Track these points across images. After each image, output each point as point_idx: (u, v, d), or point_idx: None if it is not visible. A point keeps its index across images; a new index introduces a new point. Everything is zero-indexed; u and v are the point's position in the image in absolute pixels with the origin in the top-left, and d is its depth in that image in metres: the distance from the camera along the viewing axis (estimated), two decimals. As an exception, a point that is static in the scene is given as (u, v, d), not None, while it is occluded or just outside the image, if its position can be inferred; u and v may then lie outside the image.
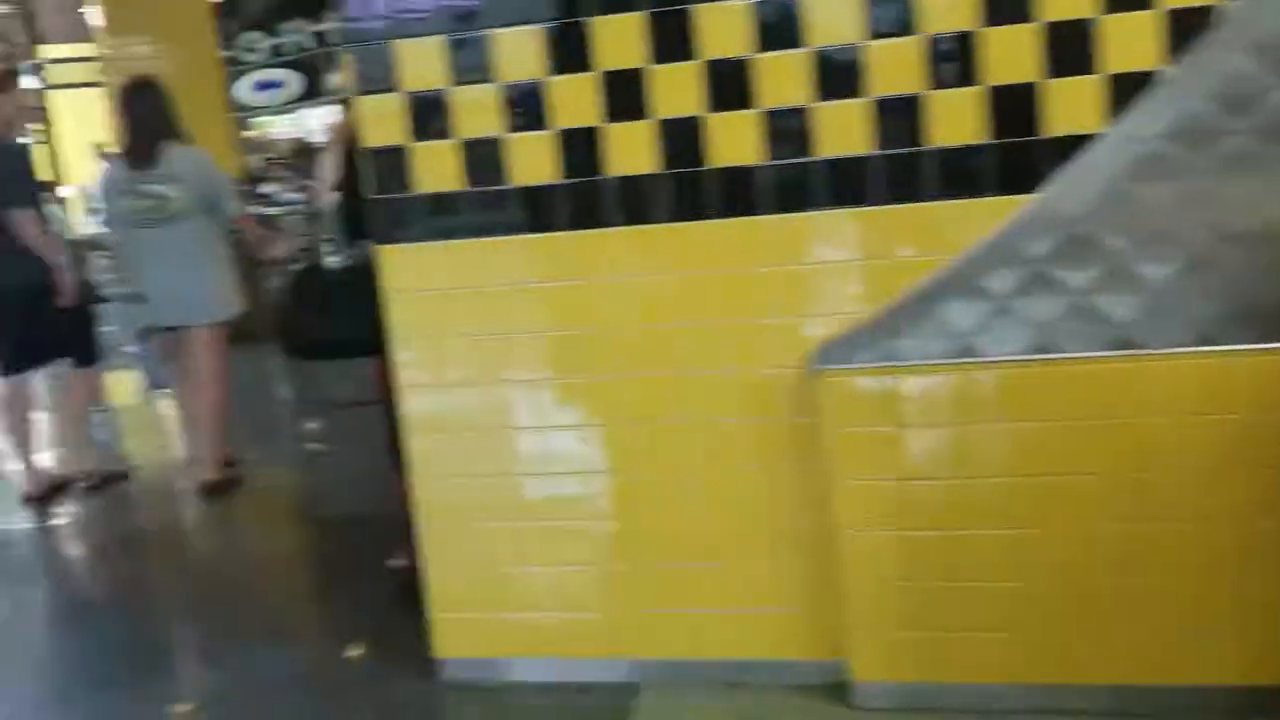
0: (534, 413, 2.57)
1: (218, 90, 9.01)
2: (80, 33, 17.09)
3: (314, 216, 8.59)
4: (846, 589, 2.41)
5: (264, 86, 20.03)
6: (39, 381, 5.04)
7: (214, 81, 9.49)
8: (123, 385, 6.45)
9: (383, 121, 2.50)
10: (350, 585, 3.60)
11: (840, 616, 2.44)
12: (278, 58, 23.26)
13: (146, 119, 4.46)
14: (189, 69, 8.77)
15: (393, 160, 2.51)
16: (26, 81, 20.16)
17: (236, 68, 15.16)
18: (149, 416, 6.27)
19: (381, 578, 3.46)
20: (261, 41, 20.34)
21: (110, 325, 5.49)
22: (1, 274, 4.53)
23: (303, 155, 16.31)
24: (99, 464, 5.00)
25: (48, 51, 16.64)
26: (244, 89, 17.19)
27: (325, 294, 3.37)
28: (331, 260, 3.48)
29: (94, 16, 9.29)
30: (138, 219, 4.51)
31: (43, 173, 16.99)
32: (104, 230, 5.50)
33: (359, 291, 3.30)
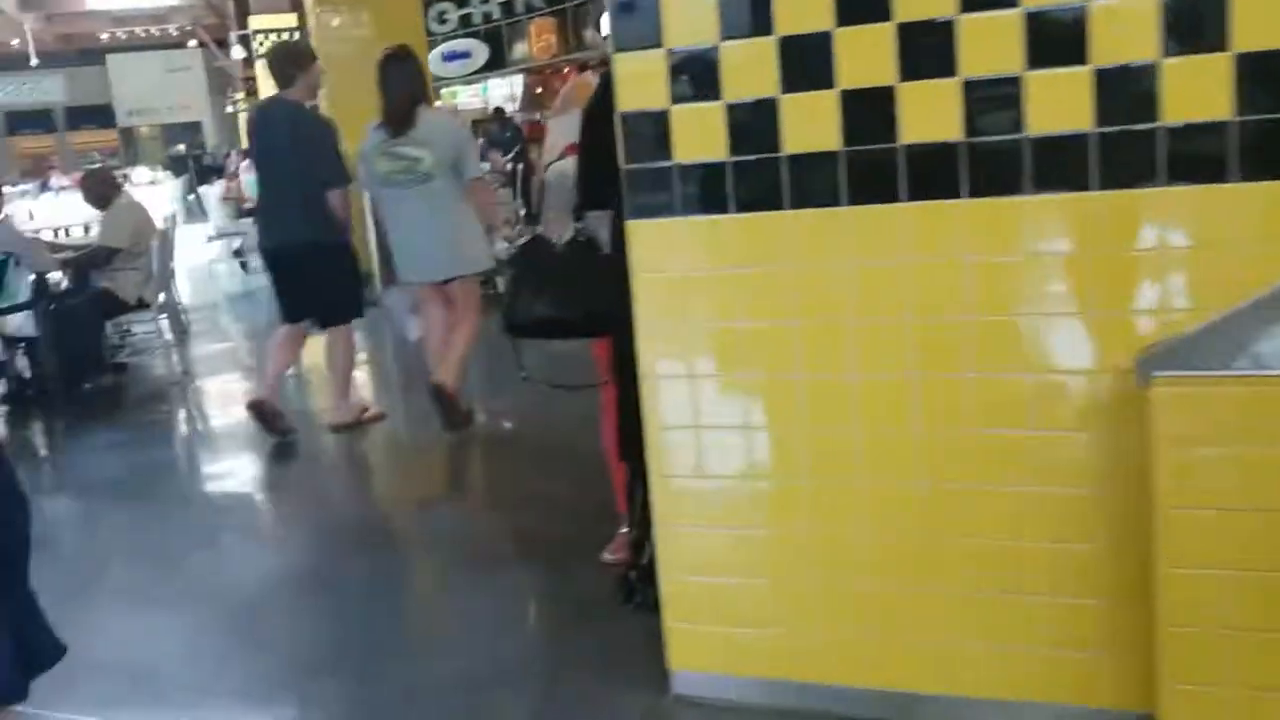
0: (797, 411, 2.28)
1: (423, 66, 9.00)
2: (284, 3, 17.76)
3: (525, 186, 8.56)
4: (1162, 634, 2.04)
5: (452, 57, 20.39)
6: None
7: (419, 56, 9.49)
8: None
9: (641, 81, 2.25)
10: (564, 576, 3.42)
11: (1151, 665, 2.08)
12: (466, 28, 23.79)
13: (403, 86, 4.72)
14: (393, 40, 8.81)
15: (649, 125, 2.25)
16: (235, 52, 21.06)
17: (429, 38, 15.38)
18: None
19: (596, 568, 3.28)
20: (451, 12, 20.70)
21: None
22: (289, 231, 4.93)
23: (491, 123, 16.47)
24: (358, 409, 5.36)
25: (255, 23, 17.34)
26: (434, 60, 17.47)
27: (548, 269, 3.18)
28: (555, 233, 3.28)
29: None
30: (391, 179, 4.77)
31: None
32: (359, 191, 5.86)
33: (586, 268, 3.11)
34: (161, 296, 6.80)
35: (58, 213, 13.16)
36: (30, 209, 13.52)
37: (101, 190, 6.66)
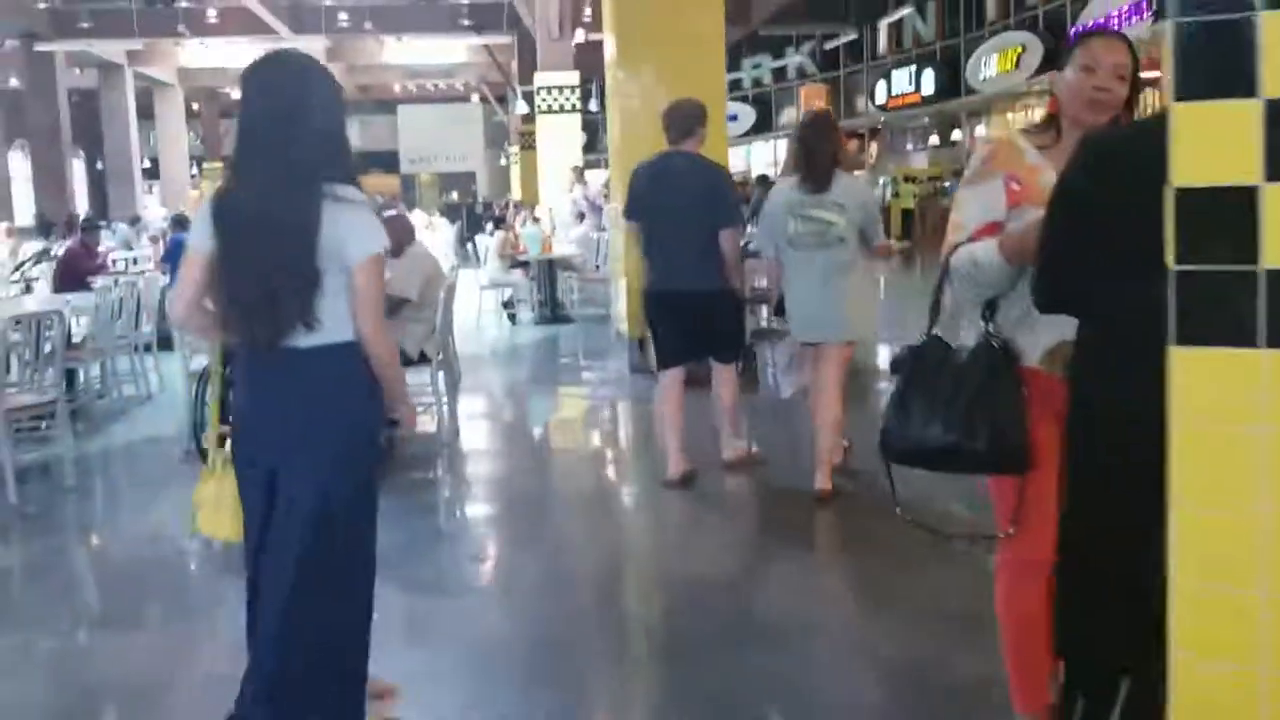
0: None
1: (719, 124, 8.55)
2: (568, 62, 18.05)
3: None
4: None
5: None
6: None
7: (717, 117, 9.06)
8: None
9: (1215, 144, 1.51)
10: None
11: None
12: (734, 92, 23.40)
13: (826, 146, 4.84)
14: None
15: (1224, 209, 1.51)
16: (519, 106, 21.66)
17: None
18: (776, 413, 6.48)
19: None
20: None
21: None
22: (689, 280, 5.13)
23: (753, 188, 16.01)
24: (741, 449, 5.57)
25: (541, 79, 17.72)
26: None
27: (949, 382, 2.48)
28: (959, 338, 2.58)
29: (604, 47, 9.20)
30: (800, 240, 4.88)
31: (525, 192, 18.04)
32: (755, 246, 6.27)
33: (1000, 385, 2.41)
34: (439, 352, 6.53)
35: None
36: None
37: (398, 237, 6.47)
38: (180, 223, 11.40)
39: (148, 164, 32.72)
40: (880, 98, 28.20)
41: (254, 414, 2.65)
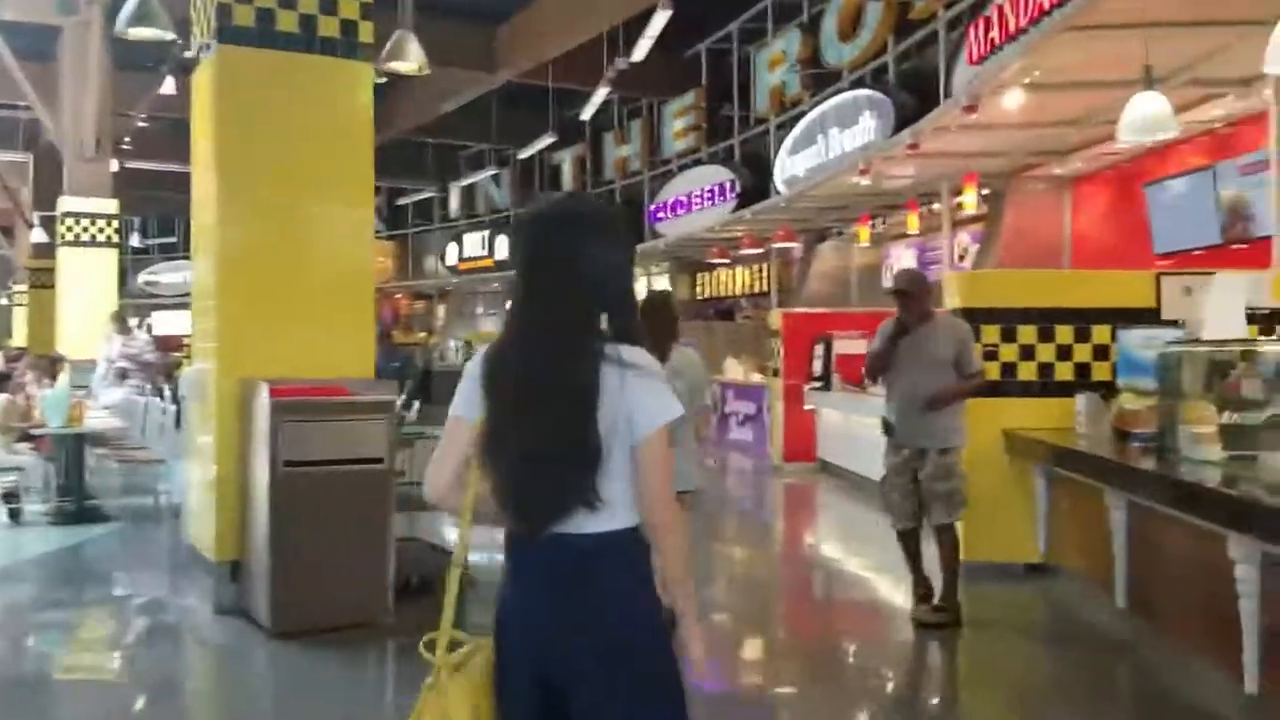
0: None
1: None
2: (105, 187, 14.94)
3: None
4: None
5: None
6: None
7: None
8: None
9: None
10: None
11: None
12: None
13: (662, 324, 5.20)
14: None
15: None
16: (36, 235, 17.63)
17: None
18: None
19: None
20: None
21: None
22: None
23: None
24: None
25: (67, 204, 14.41)
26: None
27: None
28: None
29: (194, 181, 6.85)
30: None
31: (35, 342, 14.23)
32: None
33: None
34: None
35: None
36: None
37: None
38: None
39: None
40: (451, 259, 27.28)
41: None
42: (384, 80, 7.64)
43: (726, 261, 19.96)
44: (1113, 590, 5.56)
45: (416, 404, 9.78)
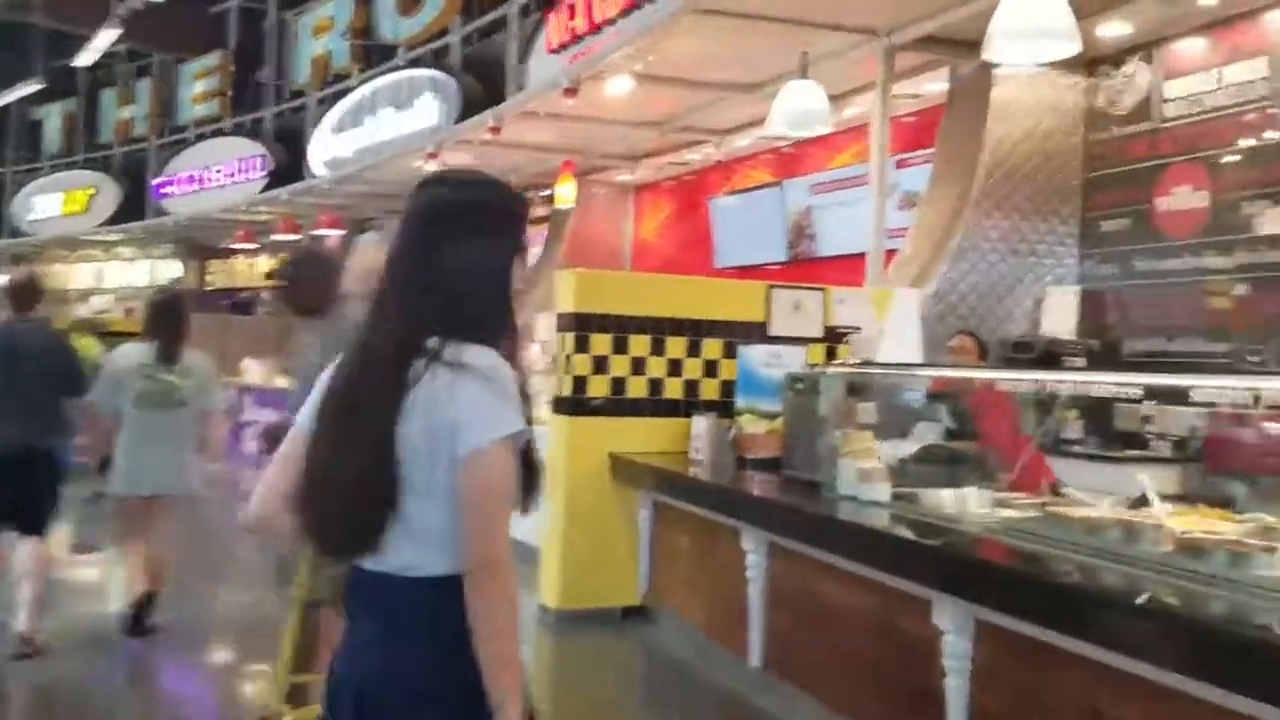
0: None
1: None
2: None
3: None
4: None
5: None
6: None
7: None
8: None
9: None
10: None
11: None
12: None
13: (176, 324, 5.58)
14: None
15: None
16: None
17: None
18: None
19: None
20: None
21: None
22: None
23: None
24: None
25: None
26: None
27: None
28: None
29: None
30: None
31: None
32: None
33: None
34: None
35: None
36: None
37: None
38: None
39: None
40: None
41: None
42: None
43: (251, 248, 17.70)
44: (745, 647, 4.78)
45: None
